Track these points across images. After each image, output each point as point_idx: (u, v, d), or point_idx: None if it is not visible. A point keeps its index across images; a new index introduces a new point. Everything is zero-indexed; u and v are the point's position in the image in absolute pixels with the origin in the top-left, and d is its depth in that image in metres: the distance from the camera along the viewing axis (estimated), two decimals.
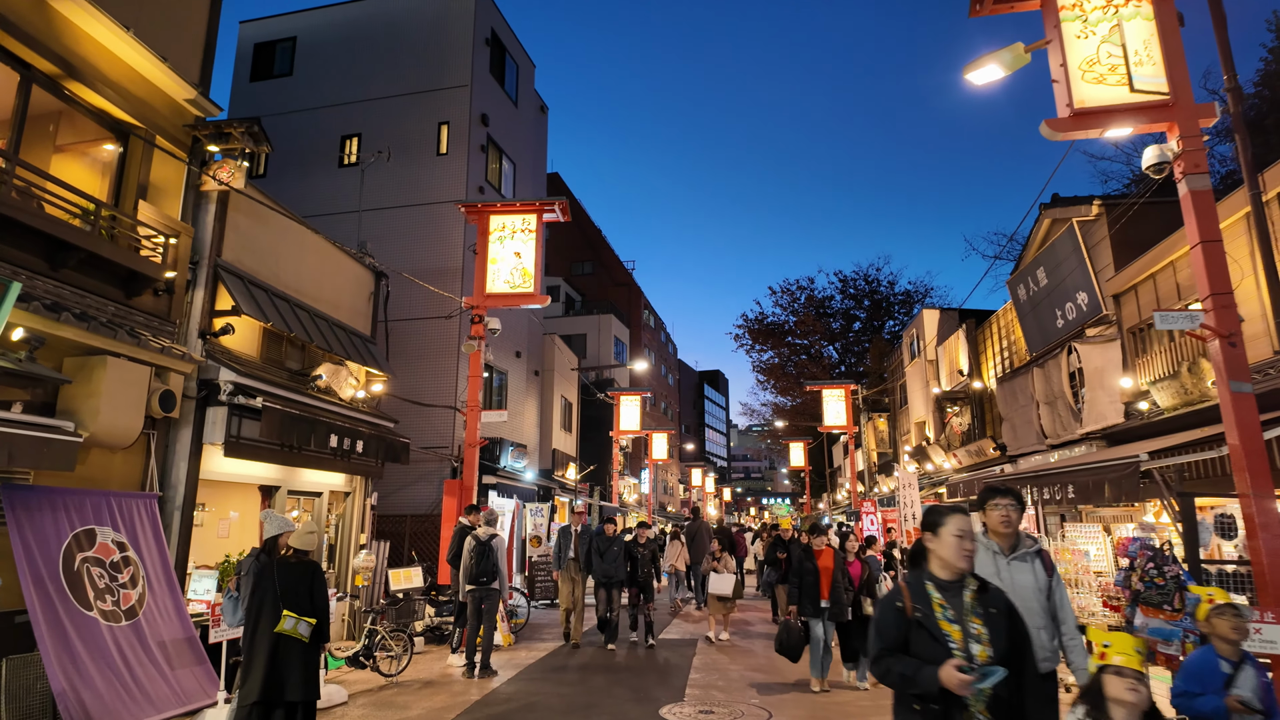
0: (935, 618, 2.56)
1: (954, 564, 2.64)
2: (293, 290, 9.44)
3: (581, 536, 10.11)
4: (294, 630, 4.58)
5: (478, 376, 10.87)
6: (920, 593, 2.65)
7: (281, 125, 18.81)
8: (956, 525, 2.66)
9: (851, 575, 7.56)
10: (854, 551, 7.80)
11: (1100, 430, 10.17)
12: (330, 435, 8.75)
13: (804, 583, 7.30)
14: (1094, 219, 11.04)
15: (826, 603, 7.23)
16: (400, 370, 15.98)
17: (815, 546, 7.46)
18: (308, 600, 4.83)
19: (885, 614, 2.70)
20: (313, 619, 4.77)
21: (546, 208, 11.35)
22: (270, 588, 4.73)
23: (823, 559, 7.32)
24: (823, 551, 7.40)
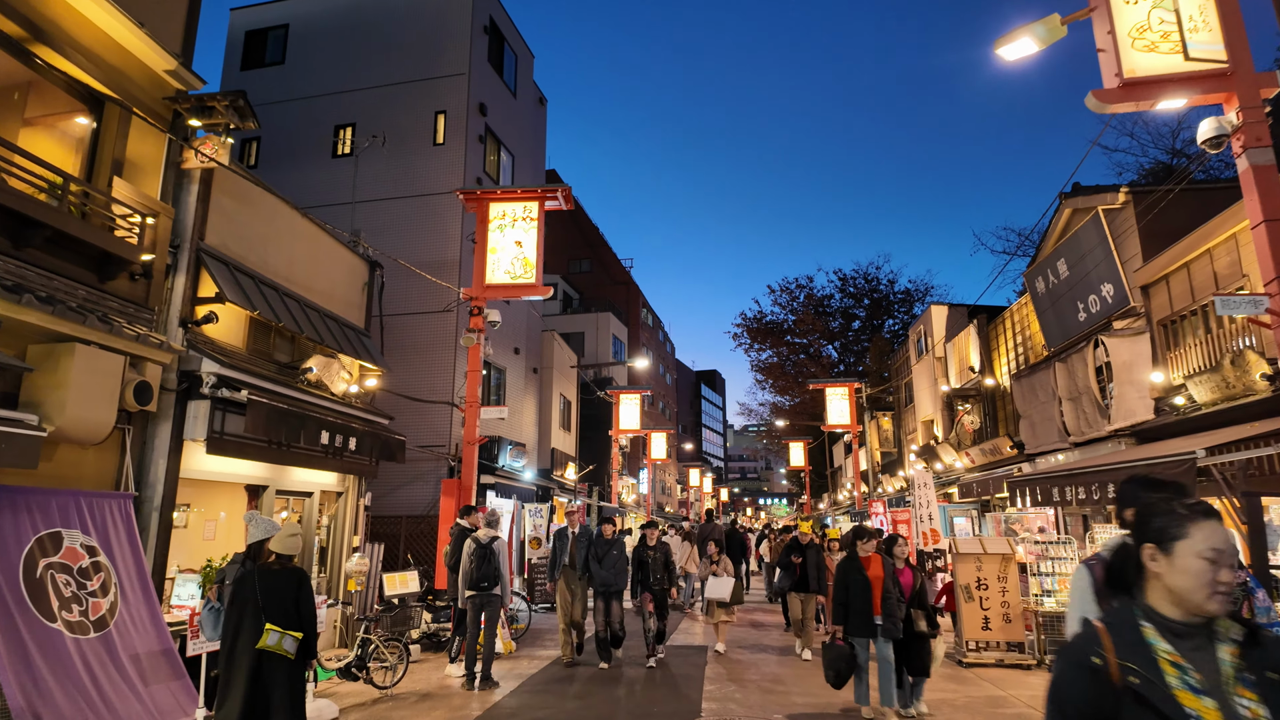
0: (1168, 686, 1.56)
1: (1196, 601, 1.62)
2: (282, 278, 8.93)
3: (579, 540, 8.92)
4: (278, 646, 4.09)
5: (477, 371, 10.38)
6: (1135, 644, 1.63)
7: (274, 115, 18.30)
8: (1206, 539, 1.63)
9: (903, 585, 6.47)
10: (903, 558, 6.72)
11: (1129, 427, 9.73)
12: (321, 432, 8.24)
13: (851, 597, 6.18)
14: (1120, 207, 10.61)
15: (879, 618, 6.16)
16: (396, 366, 15.47)
17: (861, 553, 6.34)
18: (293, 611, 4.35)
19: (1071, 677, 1.66)
20: (299, 633, 4.29)
21: (549, 195, 10.86)
22: (251, 598, 4.25)
23: (872, 567, 6.29)
24: (871, 559, 6.34)
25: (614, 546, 8.62)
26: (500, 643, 9.27)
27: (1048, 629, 9.05)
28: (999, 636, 8.97)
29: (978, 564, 9.21)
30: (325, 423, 8.38)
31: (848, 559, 6.40)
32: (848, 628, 6.19)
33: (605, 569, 8.52)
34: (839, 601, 6.28)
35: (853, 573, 6.29)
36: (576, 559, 8.77)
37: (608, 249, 45.99)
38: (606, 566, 8.54)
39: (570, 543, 8.97)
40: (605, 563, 8.56)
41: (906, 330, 38.53)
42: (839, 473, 38.65)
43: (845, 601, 6.23)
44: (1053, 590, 9.25)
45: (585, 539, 8.83)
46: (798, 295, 42.24)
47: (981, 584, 9.13)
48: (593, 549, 8.63)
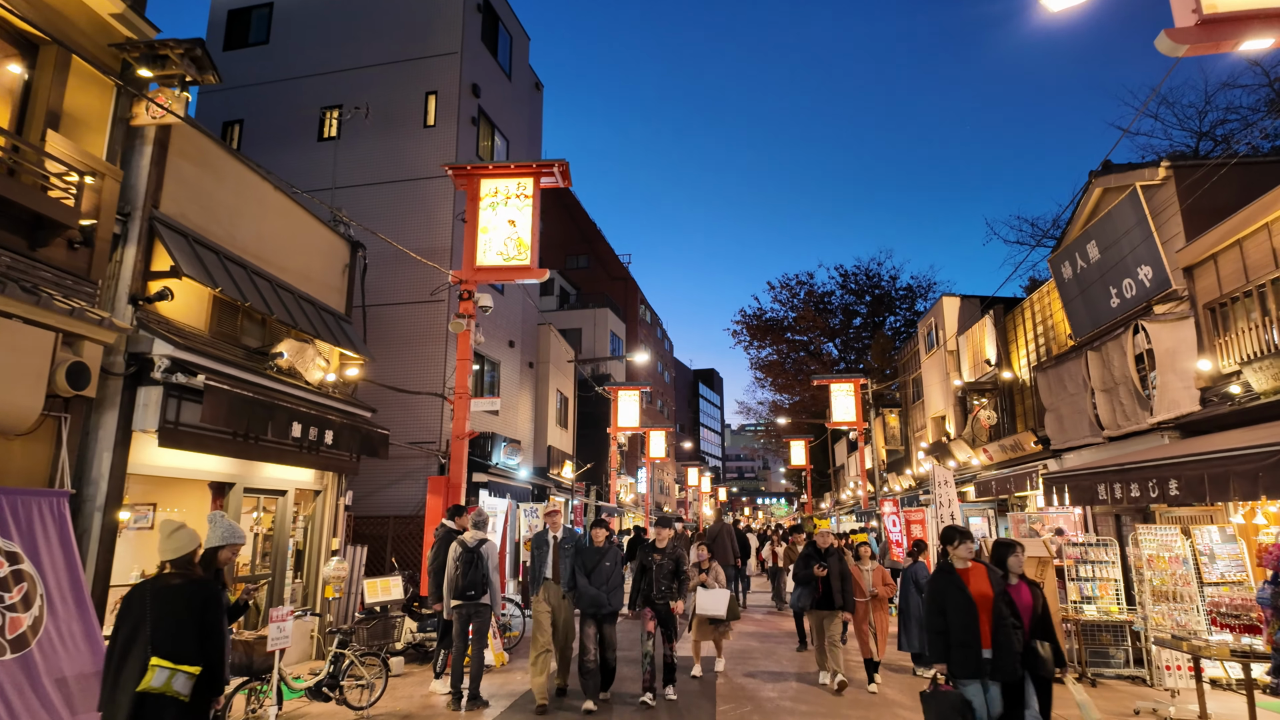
0: None
1: None
2: (252, 255, 8.14)
3: (562, 548, 7.14)
4: (166, 687, 3.16)
5: (467, 360, 9.59)
6: None
7: (258, 97, 17.53)
8: None
9: (1019, 607, 4.79)
10: (1019, 571, 5.04)
11: (1173, 420, 8.98)
12: (292, 423, 7.45)
13: (952, 623, 4.61)
14: (1160, 184, 9.86)
15: (989, 653, 4.55)
16: (384, 359, 14.68)
17: (957, 562, 4.82)
18: (192, 639, 3.39)
19: None
20: (195, 667, 3.33)
21: (545, 170, 10.06)
22: (140, 623, 3.35)
23: (976, 582, 4.70)
24: (972, 572, 4.76)
25: (606, 556, 6.92)
26: (491, 654, 8.49)
27: (1088, 639, 8.30)
28: None
29: None
30: (297, 414, 7.59)
31: (941, 572, 4.83)
32: (950, 667, 4.61)
33: (595, 583, 6.83)
34: (935, 630, 4.69)
35: (951, 590, 4.68)
36: (559, 571, 7.10)
37: (605, 244, 45.22)
38: (597, 581, 6.83)
39: (551, 550, 7.23)
40: (595, 576, 6.85)
41: (909, 327, 37.87)
42: (841, 471, 37.93)
43: (943, 629, 4.65)
44: (1093, 596, 8.51)
45: (569, 546, 7.11)
46: (798, 292, 41.54)
47: None
48: (579, 559, 6.98)
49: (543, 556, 7.22)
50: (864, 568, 8.23)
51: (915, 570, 8.26)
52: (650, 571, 7.08)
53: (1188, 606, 6.67)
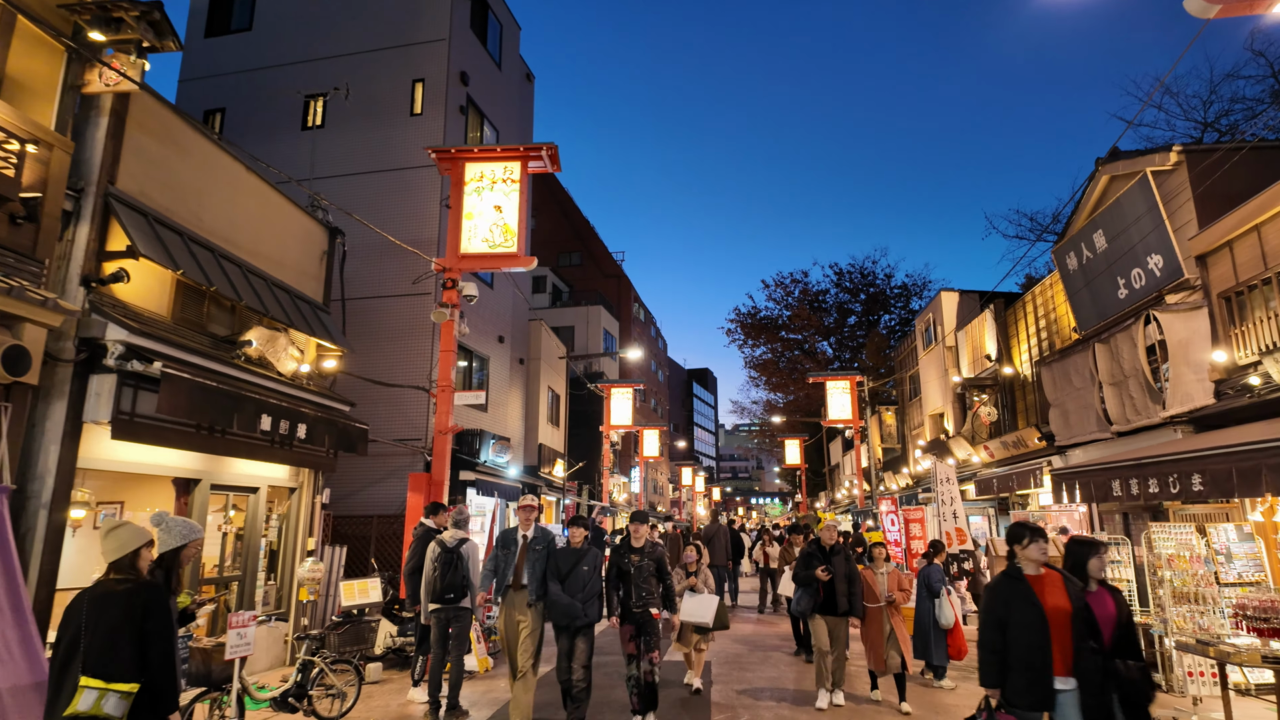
0: None
1: None
2: (221, 239, 7.70)
3: (532, 549, 6.12)
4: (95, 709, 2.72)
5: (450, 351, 9.16)
6: None
7: (240, 85, 17.06)
8: None
9: (1099, 621, 3.81)
10: (1099, 575, 4.00)
11: (1186, 413, 8.62)
12: (261, 415, 7.00)
13: (1014, 642, 3.73)
14: (1171, 169, 9.51)
15: (1066, 682, 3.67)
16: (369, 352, 14.23)
17: (1028, 568, 3.86)
18: (129, 652, 2.93)
19: None
20: (130, 685, 2.87)
21: (532, 154, 9.64)
22: (78, 635, 2.93)
23: (1050, 593, 3.76)
24: (1046, 580, 3.81)
25: (583, 559, 6.01)
26: (474, 659, 8.08)
27: None
28: None
29: None
30: (267, 405, 7.14)
31: (1007, 580, 3.90)
32: (1007, 692, 3.73)
33: (570, 590, 5.90)
34: (990, 649, 3.80)
35: (1016, 601, 3.77)
36: (527, 576, 6.05)
37: (598, 241, 44.82)
38: (572, 589, 5.90)
39: (519, 551, 6.17)
40: (570, 583, 5.92)
41: (904, 326, 37.58)
42: (836, 471, 37.61)
43: (1001, 648, 3.77)
44: None
45: (541, 548, 6.12)
46: (792, 290, 41.24)
47: None
48: (552, 562, 6.04)
49: (508, 559, 6.16)
50: (878, 570, 7.31)
51: (929, 573, 7.78)
52: (629, 578, 6.07)
53: (1205, 609, 6.31)
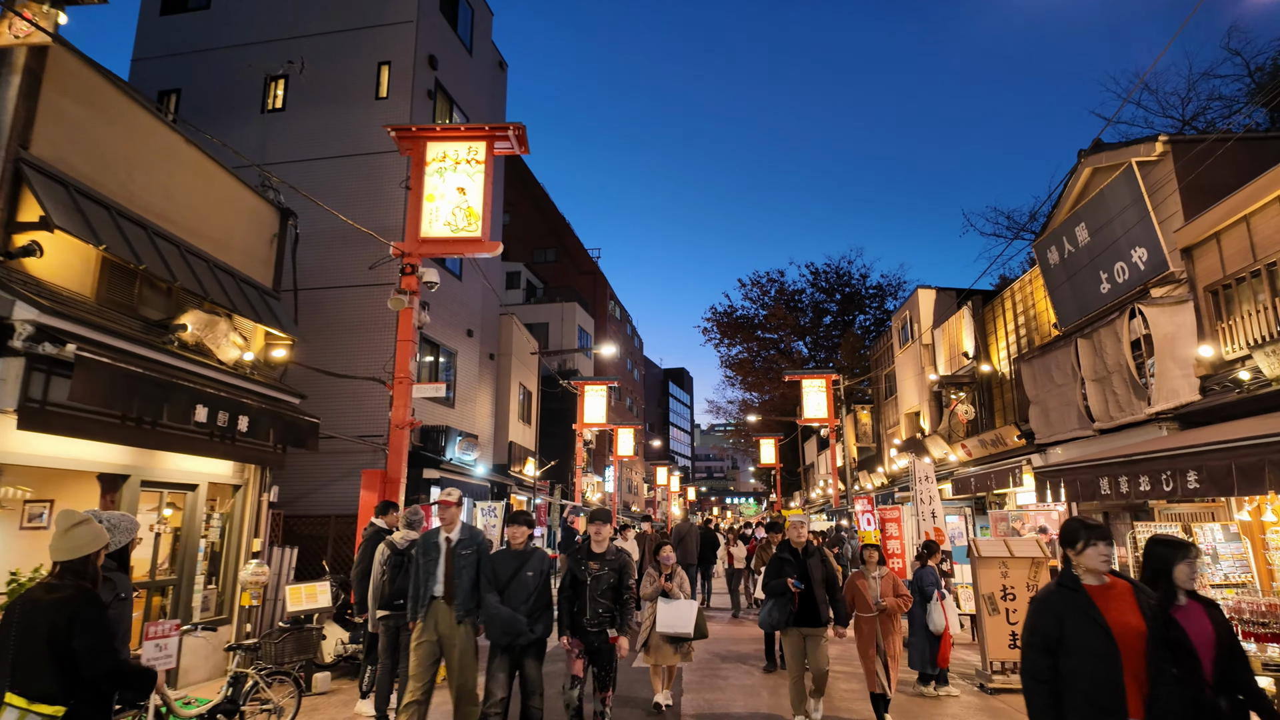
0: None
1: None
2: (156, 216, 7.11)
3: (457, 553, 5.13)
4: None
5: (408, 340, 8.63)
6: None
7: (198, 66, 16.32)
8: None
9: (1195, 645, 2.80)
10: (1188, 585, 2.95)
11: (1171, 410, 8.38)
12: (196, 406, 6.45)
13: (1075, 673, 2.84)
14: (1157, 160, 9.28)
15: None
16: (329, 345, 13.63)
17: (1088, 578, 3.00)
18: (56, 671, 2.60)
19: None
20: (55, 709, 2.54)
21: (499, 133, 9.14)
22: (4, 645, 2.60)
23: (1118, 608, 2.91)
24: (1111, 591, 2.96)
25: (526, 564, 4.98)
26: None
27: None
28: None
29: (1003, 569, 7.77)
30: (204, 395, 6.58)
31: (1060, 590, 3.04)
32: None
33: (511, 604, 4.84)
34: (1037, 677, 2.93)
35: (1075, 619, 2.90)
36: (453, 586, 5.06)
37: (574, 238, 44.29)
38: (514, 599, 4.85)
39: (443, 556, 5.13)
40: (512, 593, 4.88)
41: (879, 326, 37.59)
42: (811, 470, 37.48)
43: (1050, 678, 2.90)
44: None
45: (470, 551, 5.16)
46: (769, 289, 41.15)
47: (1008, 593, 7.69)
48: (487, 568, 5.03)
49: (429, 566, 5.11)
50: (870, 574, 6.34)
51: (922, 575, 7.37)
52: (584, 589, 5.13)
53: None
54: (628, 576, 5.19)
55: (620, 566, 5.20)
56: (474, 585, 5.10)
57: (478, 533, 5.43)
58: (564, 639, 5.13)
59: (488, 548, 5.31)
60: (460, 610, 5.10)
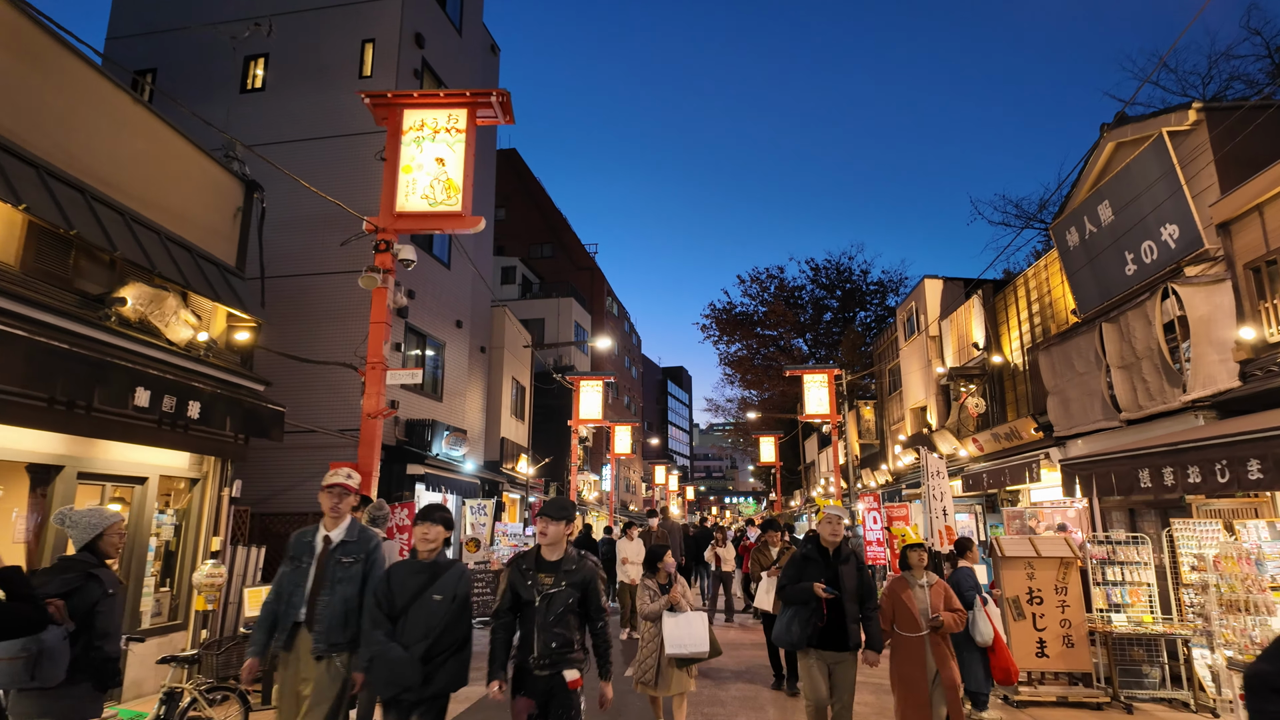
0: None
1: None
2: (98, 180, 6.44)
3: (334, 563, 3.84)
4: None
5: (381, 323, 7.95)
6: None
7: (173, 44, 15.65)
8: None
9: None
10: None
11: (1209, 397, 7.73)
12: (135, 389, 5.78)
13: None
14: (1189, 130, 8.63)
15: None
16: (308, 333, 12.99)
17: None
18: None
19: None
20: None
21: (481, 100, 8.46)
22: None
23: None
24: None
25: (434, 582, 3.54)
26: None
27: (1118, 654, 6.99)
28: (1059, 666, 6.87)
29: (1029, 570, 7.11)
30: (145, 377, 5.91)
31: None
32: None
33: (409, 639, 3.44)
34: None
35: None
36: (317, 611, 3.72)
37: (570, 233, 43.62)
38: (410, 633, 3.45)
39: (314, 567, 3.82)
40: (409, 622, 3.47)
41: (880, 323, 36.95)
42: (812, 469, 36.84)
43: None
44: (1123, 604, 7.21)
45: (354, 560, 3.85)
46: (768, 286, 40.51)
47: (1035, 596, 7.04)
48: (377, 586, 3.62)
49: (296, 578, 3.80)
50: (916, 582, 4.97)
51: (958, 578, 6.25)
52: (531, 610, 3.52)
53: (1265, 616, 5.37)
54: (595, 595, 3.62)
55: (583, 581, 3.58)
56: (351, 608, 3.72)
57: (370, 535, 4.04)
58: (494, 686, 3.44)
59: (383, 559, 3.93)
60: (322, 642, 3.62)
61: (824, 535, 4.88)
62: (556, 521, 3.64)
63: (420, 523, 3.67)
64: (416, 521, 3.67)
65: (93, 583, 3.58)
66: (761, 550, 8.51)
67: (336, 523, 3.98)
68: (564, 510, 3.68)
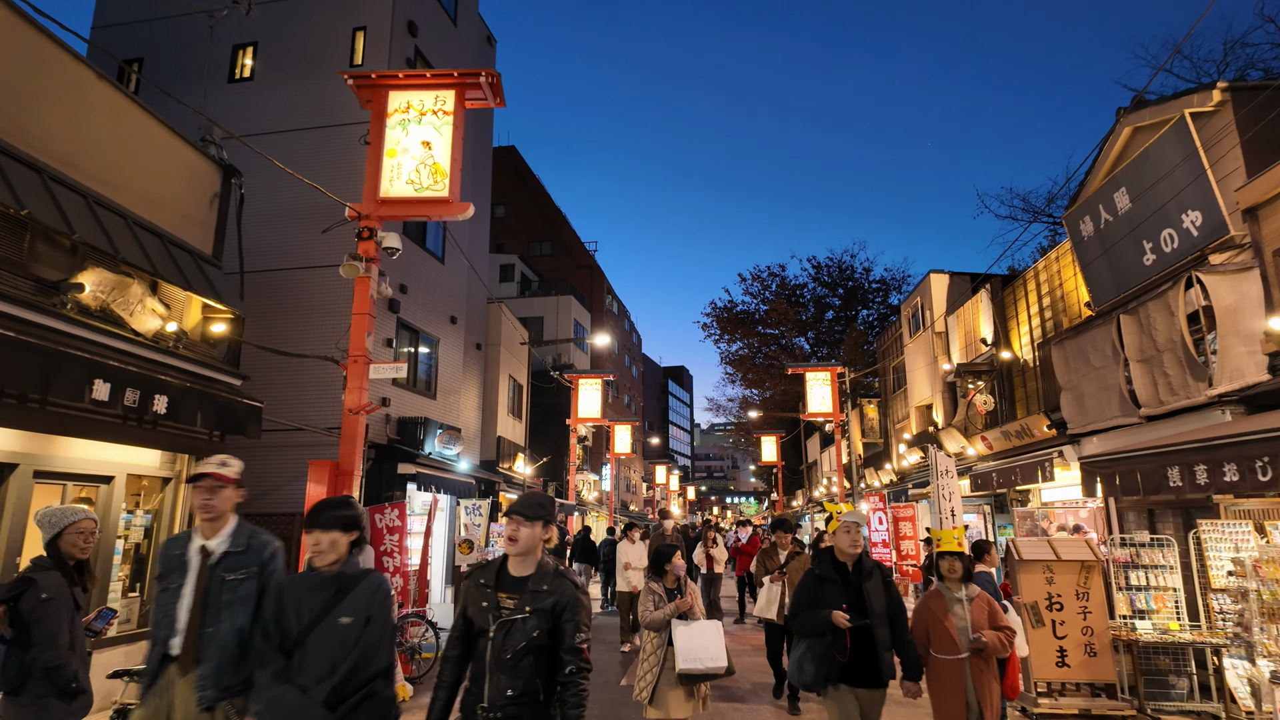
0: None
1: None
2: (59, 161, 6.06)
3: (215, 580, 2.96)
4: None
5: (364, 314, 7.55)
6: None
7: (160, 33, 15.28)
8: None
9: None
10: None
11: (1236, 391, 7.33)
12: (93, 381, 5.39)
13: None
14: (1213, 111, 8.23)
15: None
16: (296, 328, 12.61)
17: None
18: None
19: None
20: None
21: (469, 80, 8.06)
22: None
23: None
24: None
25: (341, 601, 2.68)
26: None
27: (1144, 664, 6.59)
28: (1081, 676, 6.47)
29: (1048, 574, 6.71)
30: (104, 369, 5.52)
31: None
32: None
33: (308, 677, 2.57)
34: None
35: None
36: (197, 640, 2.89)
37: (570, 230, 43.26)
38: (310, 669, 2.58)
39: (190, 583, 2.96)
40: (309, 655, 2.60)
41: (882, 321, 36.53)
42: (814, 468, 36.43)
43: None
44: (1148, 610, 6.81)
45: (245, 576, 3.00)
46: (770, 284, 40.14)
47: (1054, 602, 6.64)
48: (268, 616, 2.72)
49: (168, 600, 2.96)
50: (954, 596, 4.27)
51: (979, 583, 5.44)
52: (485, 642, 2.64)
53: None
54: (571, 628, 2.63)
55: (556, 608, 2.65)
56: (247, 638, 2.87)
57: (265, 541, 3.14)
58: None
59: (280, 568, 3.09)
60: (210, 687, 2.81)
61: (841, 547, 4.10)
62: (531, 523, 2.74)
63: (308, 530, 2.75)
64: (307, 526, 2.77)
65: (32, 587, 3.36)
66: (769, 553, 7.75)
67: (214, 528, 3.03)
68: (540, 509, 2.79)
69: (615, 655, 9.04)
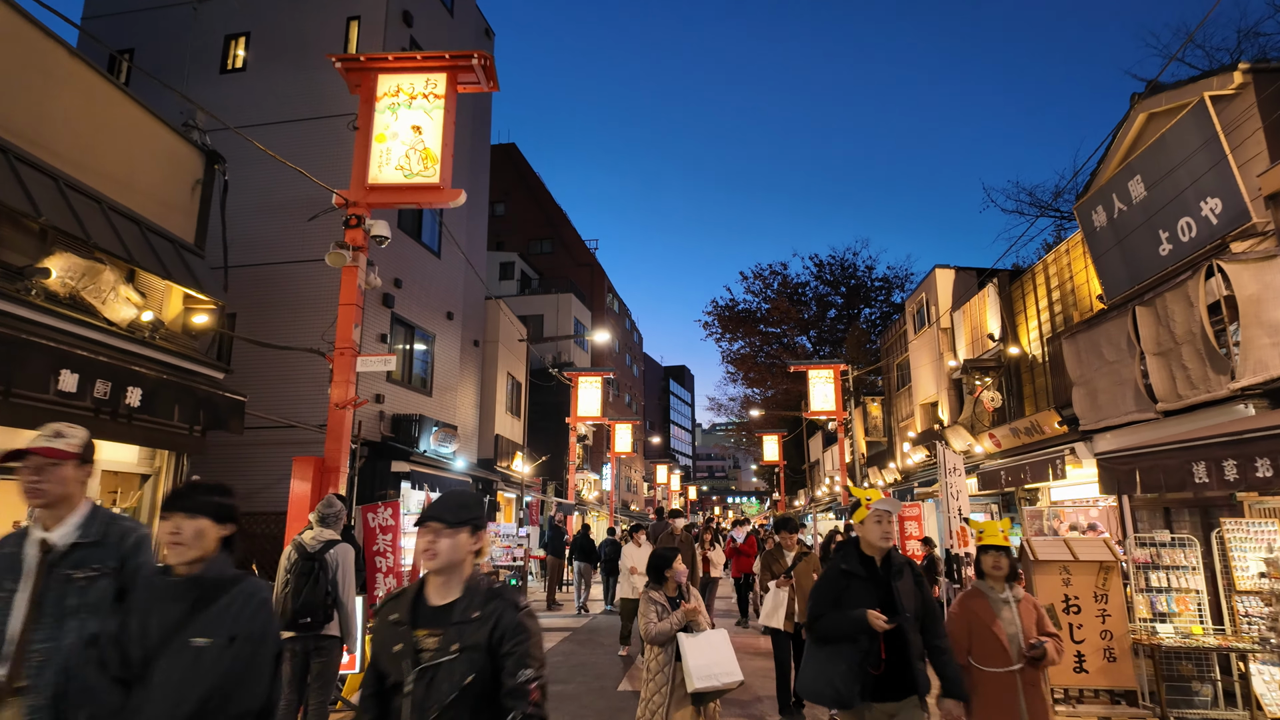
0: None
1: None
2: (27, 142, 5.78)
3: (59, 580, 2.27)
4: None
5: (351, 305, 7.30)
6: None
7: (152, 23, 15.01)
8: None
9: None
10: None
11: (1260, 385, 7.02)
12: (60, 371, 5.11)
13: None
14: (1234, 94, 7.92)
15: None
16: (287, 323, 12.34)
17: None
18: None
19: None
20: None
21: (461, 63, 7.80)
22: None
23: None
24: None
25: (194, 618, 1.90)
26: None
27: (1165, 669, 6.29)
28: (1100, 682, 6.17)
29: (1064, 576, 6.41)
30: (72, 359, 5.24)
31: None
32: None
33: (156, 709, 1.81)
34: None
35: None
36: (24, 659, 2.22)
37: (570, 229, 42.96)
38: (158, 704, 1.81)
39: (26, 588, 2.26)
40: (157, 687, 1.82)
41: (885, 320, 36.20)
42: (816, 468, 36.11)
43: None
44: (1169, 613, 6.50)
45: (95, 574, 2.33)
46: (771, 282, 39.82)
47: (1071, 605, 6.33)
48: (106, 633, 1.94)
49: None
50: (997, 596, 3.72)
51: None
52: (402, 699, 1.91)
53: None
54: (515, 662, 1.94)
55: (494, 638, 1.96)
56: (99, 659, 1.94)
57: (127, 529, 2.48)
58: None
59: (148, 563, 2.43)
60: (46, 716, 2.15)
61: (870, 539, 3.37)
62: (453, 530, 2.01)
63: (165, 515, 2.01)
64: (163, 514, 2.03)
65: None
66: (774, 556, 7.07)
67: (55, 516, 2.34)
68: (464, 511, 2.06)
69: (615, 658, 8.76)
